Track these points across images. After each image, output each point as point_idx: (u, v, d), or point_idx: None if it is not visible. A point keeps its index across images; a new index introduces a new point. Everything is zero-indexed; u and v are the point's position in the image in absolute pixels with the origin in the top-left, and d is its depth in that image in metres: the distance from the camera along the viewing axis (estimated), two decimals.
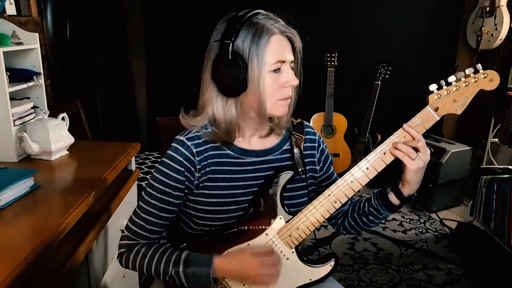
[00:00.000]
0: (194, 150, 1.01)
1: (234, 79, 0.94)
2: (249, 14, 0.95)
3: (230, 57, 0.93)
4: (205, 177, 1.02)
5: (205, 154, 1.02)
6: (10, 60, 1.63)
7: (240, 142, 1.05)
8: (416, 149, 0.96)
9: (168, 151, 1.03)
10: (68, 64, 2.67)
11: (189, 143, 1.01)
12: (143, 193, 1.04)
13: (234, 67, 0.93)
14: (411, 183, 1.00)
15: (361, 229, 1.16)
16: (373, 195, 1.09)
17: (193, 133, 1.03)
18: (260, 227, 1.03)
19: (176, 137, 1.04)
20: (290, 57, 0.98)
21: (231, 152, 1.04)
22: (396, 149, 0.96)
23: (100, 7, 3.31)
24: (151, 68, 3.95)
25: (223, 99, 1.00)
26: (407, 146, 0.95)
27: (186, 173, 1.00)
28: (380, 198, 1.06)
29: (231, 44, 0.93)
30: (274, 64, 0.95)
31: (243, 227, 1.03)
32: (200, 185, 1.02)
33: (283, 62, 0.96)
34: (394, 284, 2.15)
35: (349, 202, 1.17)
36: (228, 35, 0.94)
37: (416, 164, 0.95)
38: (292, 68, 1.00)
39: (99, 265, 1.41)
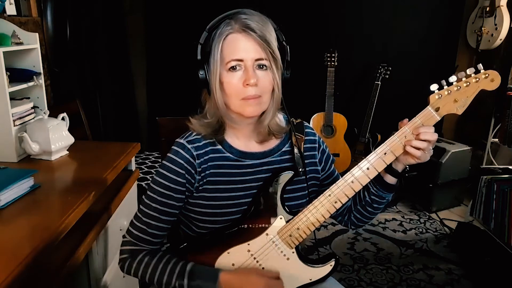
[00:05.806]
0: (195, 153, 1.01)
1: (200, 79, 0.98)
2: (226, 15, 0.96)
3: (198, 58, 0.98)
4: (205, 180, 1.02)
5: (205, 157, 1.02)
6: (10, 60, 1.63)
7: (239, 145, 1.05)
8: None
9: (169, 154, 1.02)
10: (68, 64, 2.67)
11: (189, 146, 1.01)
12: (143, 196, 1.04)
13: (200, 67, 0.97)
14: (406, 164, 1.02)
15: (368, 219, 1.16)
16: (370, 184, 1.08)
17: (193, 136, 1.03)
18: (261, 226, 1.03)
19: (177, 140, 1.04)
20: (251, 55, 0.93)
21: (231, 155, 1.04)
22: (412, 147, 0.95)
23: (100, 7, 3.31)
24: (151, 68, 3.95)
25: (210, 97, 1.01)
26: (424, 142, 0.94)
27: (186, 175, 1.00)
28: (378, 183, 1.07)
29: (200, 45, 0.97)
30: (230, 62, 0.94)
31: (243, 227, 1.03)
32: (200, 188, 1.02)
33: (240, 60, 0.94)
34: (394, 284, 2.15)
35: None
36: (200, 36, 0.97)
37: (429, 156, 0.97)
38: (264, 66, 0.95)
39: (99, 265, 1.40)
